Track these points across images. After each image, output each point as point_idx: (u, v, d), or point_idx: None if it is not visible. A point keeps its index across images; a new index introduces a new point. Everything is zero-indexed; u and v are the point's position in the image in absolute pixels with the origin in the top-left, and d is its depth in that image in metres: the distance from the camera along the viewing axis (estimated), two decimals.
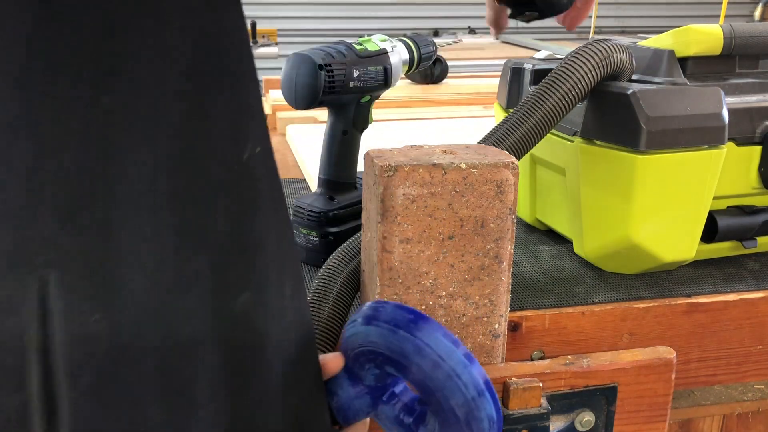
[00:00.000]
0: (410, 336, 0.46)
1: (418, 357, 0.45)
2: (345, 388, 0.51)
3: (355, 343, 0.49)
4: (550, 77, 0.70)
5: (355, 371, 0.50)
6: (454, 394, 0.45)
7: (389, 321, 0.46)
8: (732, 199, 0.79)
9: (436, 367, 0.45)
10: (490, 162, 0.59)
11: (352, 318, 0.50)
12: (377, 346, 0.47)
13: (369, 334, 0.47)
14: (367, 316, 0.48)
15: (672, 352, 0.66)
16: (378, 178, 0.57)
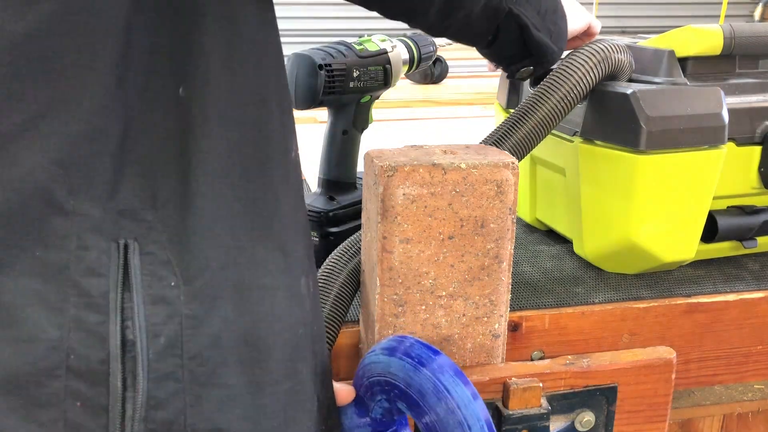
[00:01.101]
0: (432, 377, 0.46)
1: (435, 399, 0.45)
2: (350, 416, 0.51)
3: (374, 371, 0.48)
4: (549, 78, 0.70)
5: (364, 401, 0.50)
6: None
7: (414, 357, 0.47)
8: (732, 199, 0.79)
9: (451, 413, 0.45)
10: (490, 162, 0.59)
11: (375, 346, 0.50)
12: (396, 379, 0.47)
13: (391, 365, 0.47)
14: (392, 347, 0.48)
15: (672, 352, 0.66)
16: (378, 178, 0.57)
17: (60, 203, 0.37)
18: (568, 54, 0.72)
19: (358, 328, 0.69)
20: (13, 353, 0.36)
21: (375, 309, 0.60)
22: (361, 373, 0.51)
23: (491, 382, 0.62)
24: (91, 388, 0.37)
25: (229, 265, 0.40)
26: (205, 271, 0.40)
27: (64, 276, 0.37)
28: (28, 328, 0.36)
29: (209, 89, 0.40)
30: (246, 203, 0.41)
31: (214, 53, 0.40)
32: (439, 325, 0.62)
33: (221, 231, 0.40)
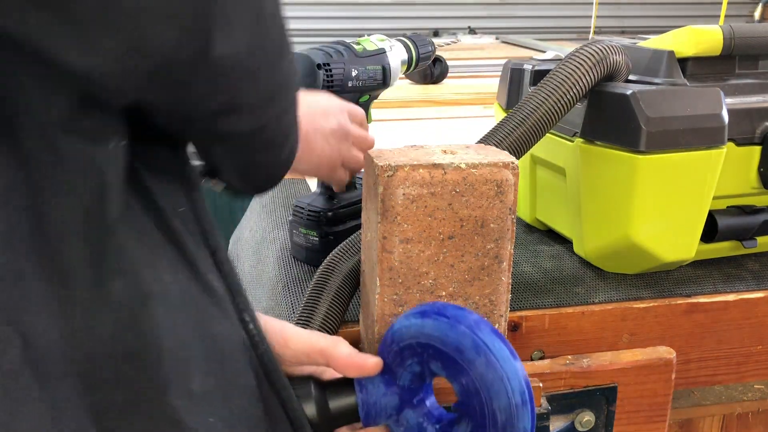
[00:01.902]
0: (470, 332, 0.46)
1: (474, 354, 0.45)
2: (377, 384, 0.50)
3: (406, 335, 0.48)
4: (548, 79, 0.70)
5: (392, 369, 0.50)
6: (500, 397, 0.45)
7: (449, 315, 0.46)
8: (732, 199, 0.79)
9: (490, 366, 0.45)
10: (490, 162, 0.59)
11: (402, 315, 0.50)
12: (431, 339, 0.47)
13: (425, 326, 0.47)
14: (424, 311, 0.48)
15: (672, 352, 0.66)
16: (378, 178, 0.57)
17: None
18: (567, 56, 0.72)
19: (358, 328, 0.69)
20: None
21: (375, 309, 0.60)
22: (389, 340, 0.50)
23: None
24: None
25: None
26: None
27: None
28: None
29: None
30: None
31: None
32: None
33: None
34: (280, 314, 0.74)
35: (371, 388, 0.50)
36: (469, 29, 4.95)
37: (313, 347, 0.51)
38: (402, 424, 0.51)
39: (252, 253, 0.97)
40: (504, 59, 0.95)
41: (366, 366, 0.50)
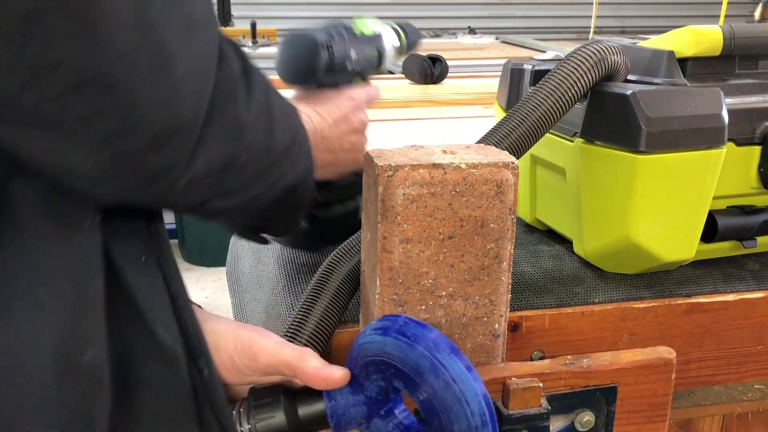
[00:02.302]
0: (429, 354, 0.46)
1: (433, 377, 0.45)
2: (345, 395, 0.51)
3: (369, 351, 0.49)
4: (547, 79, 0.71)
5: (359, 380, 0.50)
6: (459, 419, 0.46)
7: (409, 335, 0.47)
8: (732, 199, 0.79)
9: (449, 389, 0.45)
10: (490, 162, 0.59)
11: (367, 327, 0.51)
12: (391, 358, 0.47)
13: (386, 344, 0.47)
14: (385, 327, 0.48)
15: (672, 352, 0.66)
16: (378, 178, 0.57)
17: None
18: (566, 56, 0.72)
19: (357, 328, 0.69)
20: None
21: (375, 309, 0.60)
22: (355, 353, 0.51)
23: (491, 382, 0.62)
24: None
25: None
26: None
27: None
28: None
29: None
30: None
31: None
32: (439, 325, 0.62)
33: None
34: (280, 314, 0.74)
35: (340, 399, 0.51)
36: (469, 29, 4.95)
37: (280, 361, 0.51)
38: (373, 431, 0.51)
39: (252, 253, 0.97)
40: (504, 59, 0.95)
41: (332, 378, 0.51)
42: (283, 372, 0.52)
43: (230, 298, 1.01)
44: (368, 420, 0.51)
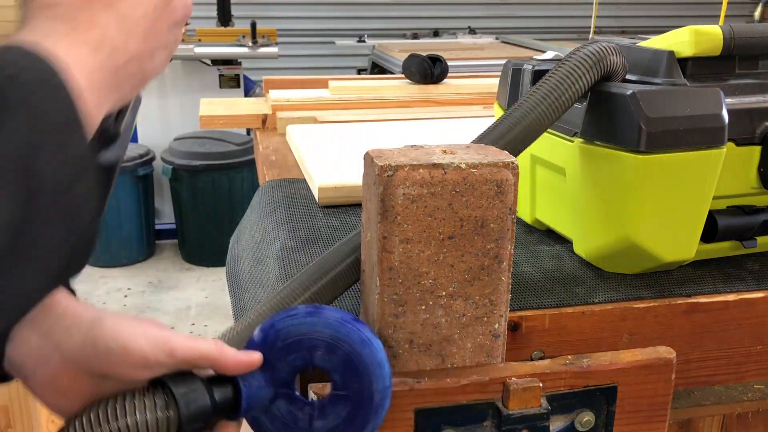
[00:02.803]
0: (356, 329, 0.55)
1: (360, 346, 0.55)
2: (257, 378, 0.55)
3: (294, 332, 0.55)
4: (546, 79, 0.71)
5: (272, 363, 0.55)
6: (378, 381, 0.55)
7: (338, 316, 0.56)
8: (732, 199, 0.79)
9: (373, 357, 0.55)
10: (490, 162, 0.59)
11: (292, 312, 0.56)
12: (323, 335, 0.55)
13: (316, 324, 0.55)
14: (313, 311, 0.56)
15: (672, 352, 0.66)
16: (378, 178, 0.57)
17: None
18: (566, 56, 0.72)
19: None
20: None
21: (375, 309, 0.60)
22: (272, 337, 0.55)
23: (491, 382, 0.62)
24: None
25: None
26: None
27: None
28: None
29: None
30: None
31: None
32: (439, 325, 0.62)
33: None
34: None
35: (252, 381, 0.55)
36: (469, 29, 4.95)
37: (198, 354, 0.53)
38: (273, 413, 0.56)
39: (252, 253, 0.97)
40: (504, 59, 0.94)
41: (254, 361, 0.55)
42: (200, 364, 0.53)
43: (230, 298, 1.01)
44: (272, 402, 0.56)
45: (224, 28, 4.01)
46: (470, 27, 4.99)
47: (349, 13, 5.12)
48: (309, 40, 5.11)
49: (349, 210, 0.97)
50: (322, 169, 1.04)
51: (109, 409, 0.50)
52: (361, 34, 4.84)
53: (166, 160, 3.62)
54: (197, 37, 3.93)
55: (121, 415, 0.50)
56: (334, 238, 0.88)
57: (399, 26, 5.09)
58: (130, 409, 0.50)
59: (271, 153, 1.31)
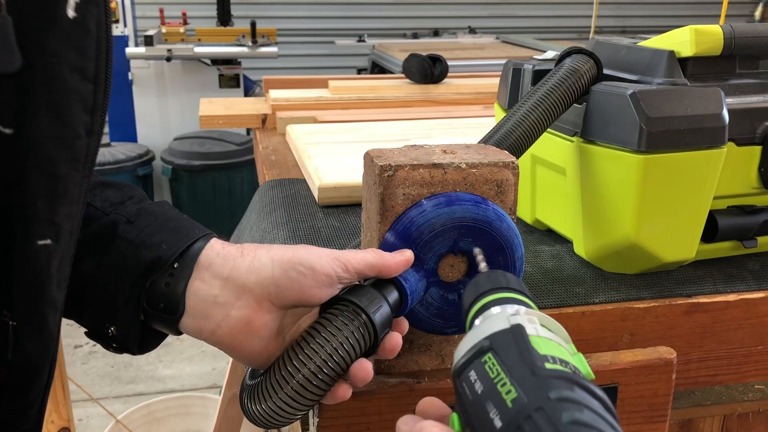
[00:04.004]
0: (491, 208, 0.57)
1: (498, 221, 0.57)
2: (412, 274, 0.57)
3: (437, 223, 0.56)
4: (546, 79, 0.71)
5: (420, 256, 0.57)
6: (517, 249, 0.58)
7: (469, 200, 0.57)
8: (732, 199, 0.79)
9: (510, 228, 0.58)
10: (490, 162, 0.59)
11: (421, 208, 0.56)
12: (463, 219, 0.56)
13: (454, 211, 0.56)
14: (448, 200, 0.57)
15: (672, 352, 0.66)
16: (378, 178, 0.57)
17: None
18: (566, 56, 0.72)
19: None
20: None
21: None
22: (416, 233, 0.56)
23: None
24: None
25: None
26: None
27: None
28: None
29: None
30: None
31: None
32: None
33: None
34: None
35: (411, 278, 0.57)
36: (469, 29, 4.95)
37: (366, 264, 0.55)
38: (427, 302, 0.58)
39: None
40: (504, 59, 0.94)
41: (410, 258, 0.56)
42: (367, 273, 0.55)
43: None
44: (426, 291, 0.58)
45: (224, 28, 4.01)
46: (470, 27, 4.98)
47: (349, 13, 5.11)
48: (309, 39, 5.11)
49: (349, 210, 0.97)
50: (322, 169, 1.04)
51: (317, 339, 0.52)
52: (361, 33, 4.84)
53: (166, 160, 3.62)
54: (197, 36, 3.93)
55: (331, 337, 0.52)
56: (334, 238, 0.88)
57: (399, 26, 5.09)
58: (334, 331, 0.52)
59: (270, 153, 1.31)
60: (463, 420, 0.39)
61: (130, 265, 0.53)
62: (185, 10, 4.15)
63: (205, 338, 0.55)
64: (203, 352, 2.75)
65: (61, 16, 0.41)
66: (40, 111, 0.41)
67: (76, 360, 2.70)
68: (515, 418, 0.34)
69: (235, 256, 0.55)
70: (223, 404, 1.36)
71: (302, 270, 0.53)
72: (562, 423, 0.33)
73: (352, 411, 0.59)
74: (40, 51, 0.41)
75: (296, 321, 0.57)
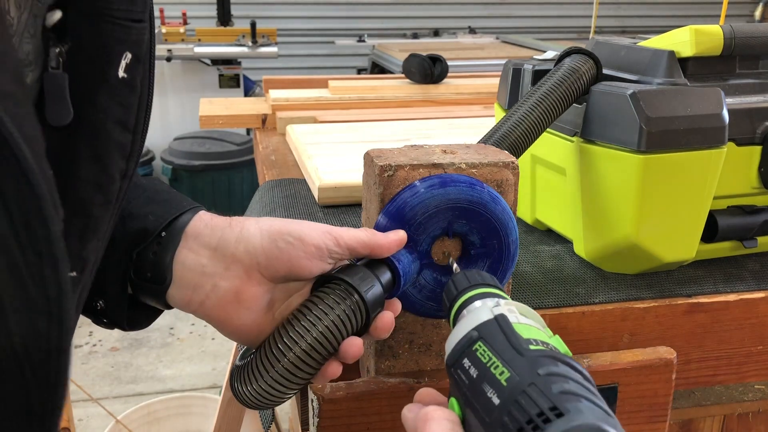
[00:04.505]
0: (485, 190, 0.57)
1: (493, 204, 0.57)
2: (405, 255, 0.56)
3: (431, 204, 0.56)
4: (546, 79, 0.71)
5: (414, 238, 0.56)
6: (511, 233, 0.58)
7: (464, 181, 0.56)
8: (732, 199, 0.79)
9: (504, 210, 0.57)
10: (491, 162, 0.59)
11: (414, 189, 0.56)
12: (458, 202, 0.56)
13: (449, 193, 0.56)
14: (442, 181, 0.56)
15: (672, 352, 0.66)
16: (378, 178, 0.57)
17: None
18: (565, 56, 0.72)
19: None
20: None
21: None
22: (410, 214, 0.56)
23: None
24: None
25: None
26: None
27: None
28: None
29: None
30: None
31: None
32: (439, 325, 0.62)
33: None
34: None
35: (404, 259, 0.56)
36: (469, 29, 4.95)
37: (358, 241, 0.55)
38: (420, 284, 0.58)
39: None
40: (504, 59, 0.94)
41: (403, 238, 0.56)
42: (359, 251, 0.55)
43: None
44: (419, 273, 0.58)
45: (224, 28, 4.01)
46: (470, 27, 4.98)
47: (349, 13, 5.11)
48: (309, 39, 5.11)
49: (349, 210, 0.97)
50: (322, 169, 1.04)
51: (308, 317, 0.51)
52: (361, 33, 4.84)
53: (166, 160, 3.62)
54: (197, 36, 3.93)
55: (322, 316, 0.51)
56: None
57: (399, 26, 5.09)
58: (325, 309, 0.52)
59: (270, 153, 1.31)
60: (462, 402, 0.43)
61: (117, 237, 0.53)
62: (185, 10, 4.15)
63: (193, 310, 0.55)
64: (203, 352, 2.75)
65: (113, 76, 0.44)
66: (83, 159, 0.43)
67: (76, 360, 2.70)
68: (511, 394, 0.38)
69: (223, 226, 0.55)
70: (223, 404, 1.36)
71: (291, 240, 0.53)
72: (553, 394, 0.37)
73: (352, 411, 0.59)
74: (91, 107, 0.43)
75: (287, 298, 0.56)
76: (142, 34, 0.45)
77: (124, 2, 0.43)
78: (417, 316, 0.61)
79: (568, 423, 0.35)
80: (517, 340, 0.42)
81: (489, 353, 0.42)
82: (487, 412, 0.39)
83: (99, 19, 0.42)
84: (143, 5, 0.44)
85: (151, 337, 2.81)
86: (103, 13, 0.42)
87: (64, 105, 0.42)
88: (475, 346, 0.43)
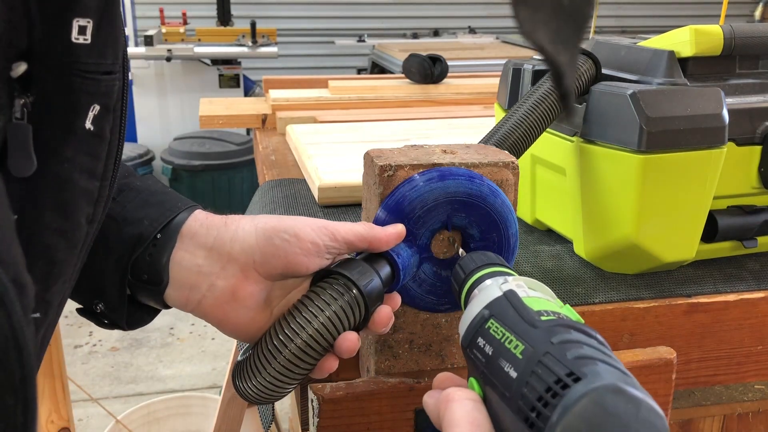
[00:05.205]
0: (484, 183, 0.57)
1: (492, 197, 0.57)
2: (405, 249, 0.56)
3: (430, 198, 0.56)
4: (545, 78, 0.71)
5: (412, 232, 0.56)
6: (511, 226, 0.58)
7: (463, 174, 0.56)
8: (732, 199, 0.79)
9: (504, 203, 0.57)
10: (491, 162, 0.59)
11: (413, 183, 0.56)
12: (457, 195, 0.56)
13: (448, 186, 0.56)
14: (441, 174, 0.56)
15: (672, 352, 0.66)
16: (378, 178, 0.57)
17: None
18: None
19: None
20: None
21: None
22: (408, 208, 0.56)
23: None
24: None
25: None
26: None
27: None
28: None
29: None
30: None
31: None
32: (439, 324, 0.62)
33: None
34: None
35: (403, 253, 0.56)
36: (469, 29, 4.95)
37: (355, 235, 0.54)
38: (419, 278, 0.58)
39: None
40: (504, 59, 0.94)
41: (402, 232, 0.55)
42: (357, 245, 0.55)
43: None
44: (419, 266, 0.58)
45: (224, 28, 4.01)
46: (470, 27, 4.98)
47: (349, 13, 5.11)
48: (309, 39, 5.11)
49: (349, 210, 0.97)
50: (322, 169, 1.04)
51: (306, 311, 0.51)
52: (361, 33, 4.84)
53: (166, 160, 3.62)
54: (197, 36, 3.93)
55: (320, 312, 0.51)
56: None
57: (399, 26, 5.09)
58: (323, 305, 0.51)
59: (270, 153, 1.31)
60: (481, 381, 0.43)
61: (114, 243, 0.53)
62: (185, 10, 4.16)
63: (191, 310, 0.55)
64: (203, 352, 2.75)
65: (80, 128, 0.42)
66: (46, 208, 0.42)
67: (76, 360, 2.70)
68: (528, 365, 0.39)
69: (219, 225, 0.55)
70: (223, 404, 1.36)
71: (286, 237, 0.53)
72: (568, 360, 0.37)
73: (352, 411, 0.59)
74: (55, 158, 0.42)
75: (285, 294, 0.56)
76: (112, 85, 0.44)
77: (93, 56, 0.41)
78: (417, 317, 0.61)
79: (587, 386, 0.35)
80: (528, 313, 0.42)
81: (502, 329, 0.42)
82: (506, 387, 0.40)
83: (65, 72, 0.41)
84: (114, 57, 0.43)
85: (151, 337, 2.81)
86: (71, 67, 0.41)
87: (27, 156, 0.40)
88: (488, 324, 0.44)
